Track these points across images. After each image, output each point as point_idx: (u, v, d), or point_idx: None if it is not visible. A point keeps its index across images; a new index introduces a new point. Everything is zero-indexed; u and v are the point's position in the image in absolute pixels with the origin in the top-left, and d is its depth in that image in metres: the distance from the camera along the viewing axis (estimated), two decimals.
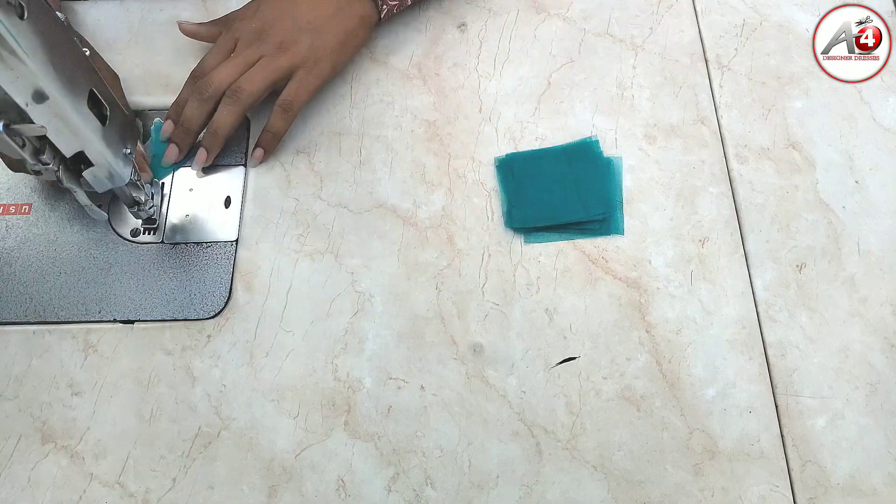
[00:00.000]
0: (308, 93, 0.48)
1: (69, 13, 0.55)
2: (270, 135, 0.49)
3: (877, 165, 0.50)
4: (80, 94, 0.35)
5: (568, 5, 0.56)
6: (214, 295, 0.46)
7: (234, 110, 0.47)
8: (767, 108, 0.52)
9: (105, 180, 0.39)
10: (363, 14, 0.50)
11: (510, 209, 0.48)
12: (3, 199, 0.49)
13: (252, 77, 0.47)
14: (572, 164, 0.49)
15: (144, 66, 0.54)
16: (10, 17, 0.29)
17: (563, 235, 0.48)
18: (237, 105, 0.46)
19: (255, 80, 0.47)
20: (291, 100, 0.48)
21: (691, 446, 0.42)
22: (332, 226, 0.48)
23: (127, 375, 0.44)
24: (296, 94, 0.48)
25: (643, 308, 0.45)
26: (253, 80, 0.47)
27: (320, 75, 0.49)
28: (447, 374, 0.44)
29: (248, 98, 0.46)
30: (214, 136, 0.47)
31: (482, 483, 0.41)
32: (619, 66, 0.53)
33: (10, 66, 0.30)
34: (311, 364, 0.44)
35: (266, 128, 0.49)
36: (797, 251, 0.47)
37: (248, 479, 0.41)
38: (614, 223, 0.48)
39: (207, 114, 0.47)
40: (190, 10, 0.56)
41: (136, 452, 0.42)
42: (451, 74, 0.53)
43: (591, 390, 0.43)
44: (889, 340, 0.45)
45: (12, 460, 0.42)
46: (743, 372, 0.44)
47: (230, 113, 0.47)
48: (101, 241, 0.48)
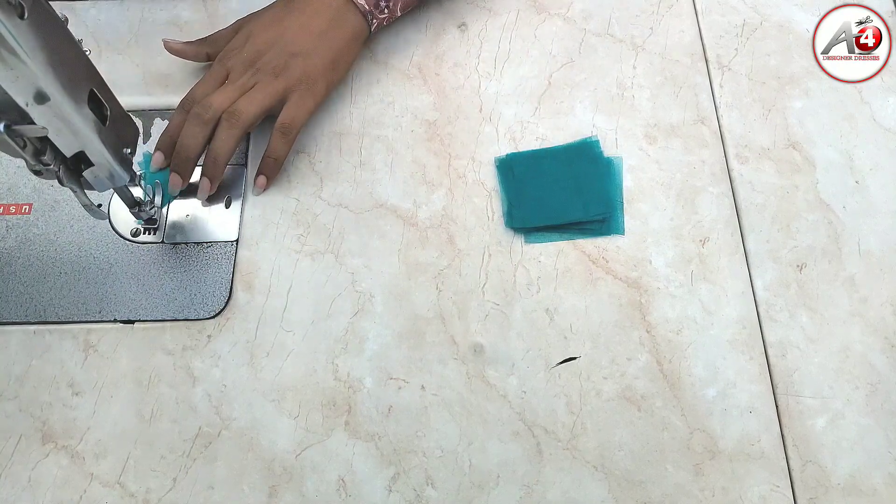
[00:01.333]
0: (305, 114, 0.48)
1: (69, 13, 0.55)
2: (272, 160, 0.48)
3: (877, 165, 0.50)
4: (81, 94, 0.35)
5: (568, 5, 0.56)
6: (215, 295, 0.46)
7: (232, 133, 0.46)
8: (768, 108, 0.52)
9: (105, 180, 0.39)
10: (353, 30, 0.50)
11: (510, 209, 0.48)
12: (3, 199, 0.49)
13: (249, 100, 0.46)
14: (572, 164, 0.49)
15: (144, 66, 0.54)
16: (10, 17, 0.29)
17: (563, 235, 0.48)
18: (235, 128, 0.46)
19: (252, 103, 0.46)
20: (289, 123, 0.47)
21: (692, 446, 0.42)
22: (333, 226, 0.48)
23: (127, 375, 0.44)
24: (293, 116, 0.48)
25: (644, 308, 0.45)
26: (250, 103, 0.46)
27: (315, 96, 0.49)
28: (448, 374, 0.44)
29: (245, 120, 0.46)
30: (215, 164, 0.47)
31: (483, 483, 0.41)
32: (620, 66, 0.53)
33: (10, 66, 0.30)
34: (311, 364, 0.44)
35: (267, 153, 0.48)
36: (797, 251, 0.47)
37: (249, 479, 0.41)
38: (615, 223, 0.48)
39: (206, 138, 0.46)
40: (189, 9, 0.56)
41: (136, 452, 0.42)
42: (452, 74, 0.53)
43: (591, 390, 0.43)
44: (889, 340, 0.45)
45: (13, 460, 0.42)
46: (743, 372, 0.44)
47: (229, 136, 0.46)
48: (101, 242, 0.48)
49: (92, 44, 0.55)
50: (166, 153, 0.47)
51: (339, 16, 0.49)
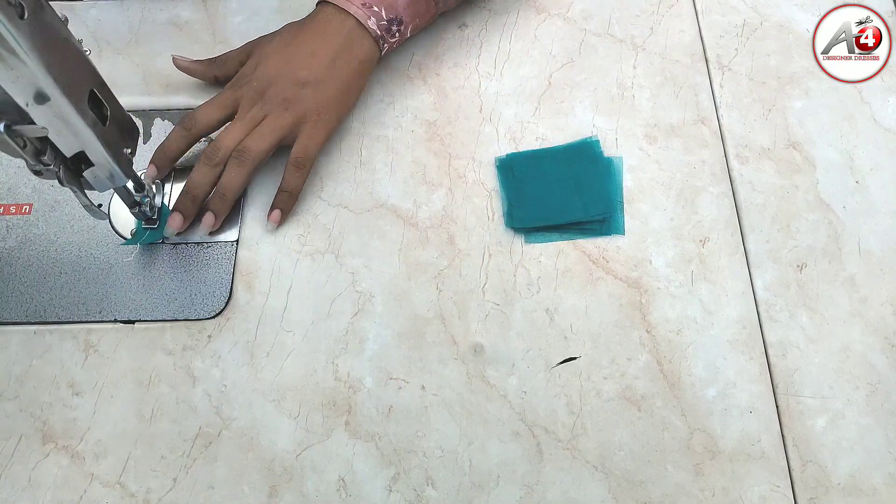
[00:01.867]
0: (317, 146, 0.48)
1: (69, 13, 0.55)
2: (287, 194, 0.47)
3: (877, 165, 0.50)
4: (81, 94, 0.35)
5: (568, 5, 0.56)
6: (215, 295, 0.46)
7: (241, 171, 0.46)
8: (768, 108, 0.52)
9: (105, 180, 0.39)
10: (363, 57, 0.49)
11: (510, 209, 0.48)
12: (4, 199, 0.49)
13: (258, 136, 0.46)
14: (573, 164, 0.49)
15: (144, 66, 0.54)
16: (10, 17, 0.29)
17: (563, 235, 0.48)
18: (244, 166, 0.46)
19: (262, 139, 0.46)
20: (303, 156, 0.47)
21: (692, 446, 0.42)
22: (333, 226, 0.48)
23: (127, 375, 0.44)
24: (306, 149, 0.47)
25: (644, 308, 0.45)
26: (259, 140, 0.46)
27: (327, 126, 0.48)
28: (448, 374, 0.44)
29: (255, 158, 0.46)
30: (223, 200, 0.46)
31: (483, 483, 0.41)
32: (620, 66, 0.53)
33: (10, 66, 0.30)
34: (311, 364, 0.44)
35: (281, 187, 0.47)
36: (797, 251, 0.47)
37: (249, 479, 0.41)
38: (615, 223, 0.48)
39: (215, 180, 0.46)
40: (189, 9, 0.56)
41: (136, 452, 0.42)
42: (452, 74, 0.53)
43: (591, 390, 0.43)
44: (889, 340, 0.45)
45: (13, 460, 0.42)
46: (743, 372, 0.44)
47: (238, 175, 0.46)
48: (101, 242, 0.48)
49: (92, 44, 0.55)
50: (160, 167, 0.47)
51: (349, 41, 0.48)
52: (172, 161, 0.47)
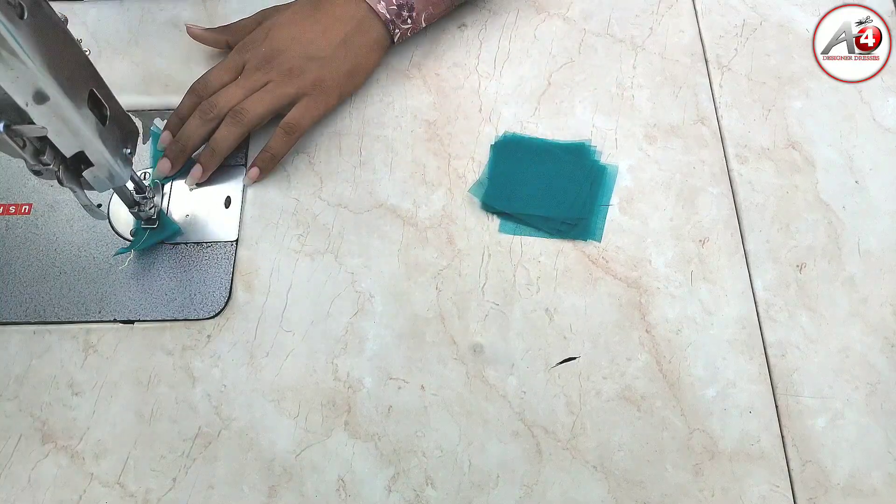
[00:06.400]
0: (312, 119, 0.48)
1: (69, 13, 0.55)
2: (269, 155, 0.48)
3: (877, 165, 0.50)
4: (81, 94, 0.35)
5: (568, 5, 0.56)
6: (214, 295, 0.46)
7: (234, 131, 0.47)
8: (767, 108, 0.52)
9: (105, 180, 0.39)
10: (374, 40, 0.50)
11: (482, 179, 0.48)
12: (3, 199, 0.49)
13: (257, 100, 0.47)
14: (562, 162, 0.49)
15: (144, 66, 0.54)
16: (10, 17, 0.29)
17: (537, 232, 0.47)
18: (239, 126, 0.46)
19: (260, 103, 0.47)
20: (294, 123, 0.48)
21: (691, 446, 0.42)
22: (332, 226, 0.48)
23: (127, 375, 0.44)
24: (300, 118, 0.48)
25: (643, 308, 0.45)
26: (257, 104, 0.47)
27: (327, 103, 0.49)
28: (447, 374, 0.44)
29: (250, 120, 0.47)
30: (212, 154, 0.47)
31: (482, 483, 0.41)
32: (620, 66, 0.53)
33: (10, 66, 0.30)
34: (311, 364, 0.44)
35: (265, 148, 0.48)
36: (797, 251, 0.47)
37: (249, 479, 0.41)
38: (591, 228, 0.47)
39: (208, 133, 0.47)
40: (190, 9, 0.56)
41: (136, 452, 0.42)
42: (451, 74, 0.53)
43: (591, 390, 0.43)
44: (889, 340, 0.45)
45: (12, 460, 0.42)
46: (743, 372, 0.44)
47: (231, 133, 0.47)
48: (101, 242, 0.48)
49: (92, 44, 0.55)
50: (175, 133, 0.48)
51: (360, 26, 0.49)
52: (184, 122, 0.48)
